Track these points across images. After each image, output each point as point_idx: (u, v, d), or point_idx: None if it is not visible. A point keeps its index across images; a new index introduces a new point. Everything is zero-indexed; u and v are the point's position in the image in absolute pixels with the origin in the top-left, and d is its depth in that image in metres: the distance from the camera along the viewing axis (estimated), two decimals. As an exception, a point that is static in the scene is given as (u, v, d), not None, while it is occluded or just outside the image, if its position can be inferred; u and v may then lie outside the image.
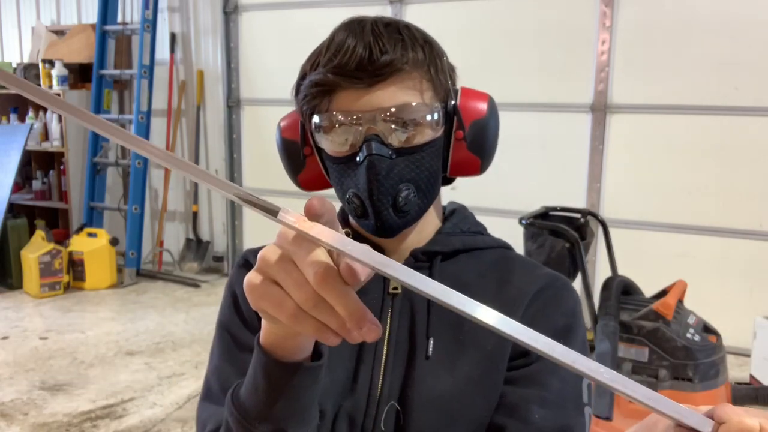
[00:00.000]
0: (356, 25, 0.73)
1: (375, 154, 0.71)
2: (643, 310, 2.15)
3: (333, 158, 0.76)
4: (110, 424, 2.65)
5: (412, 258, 0.80)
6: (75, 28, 5.03)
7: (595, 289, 2.39)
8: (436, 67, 0.75)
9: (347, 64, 0.70)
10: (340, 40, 0.72)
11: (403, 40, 0.73)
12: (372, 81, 0.71)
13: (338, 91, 0.72)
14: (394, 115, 0.71)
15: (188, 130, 4.89)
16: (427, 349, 0.74)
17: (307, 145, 0.80)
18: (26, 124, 4.74)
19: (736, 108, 3.35)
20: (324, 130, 0.74)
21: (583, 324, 0.81)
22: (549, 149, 3.74)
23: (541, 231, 2.47)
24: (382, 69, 0.70)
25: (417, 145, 0.73)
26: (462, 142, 0.78)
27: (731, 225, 3.43)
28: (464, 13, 3.87)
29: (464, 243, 0.82)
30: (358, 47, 0.70)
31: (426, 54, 0.75)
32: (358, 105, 0.72)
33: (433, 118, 0.73)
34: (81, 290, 4.42)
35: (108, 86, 4.84)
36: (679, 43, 3.42)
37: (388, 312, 0.77)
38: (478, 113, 0.78)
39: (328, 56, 0.72)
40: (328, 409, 0.73)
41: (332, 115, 0.73)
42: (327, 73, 0.71)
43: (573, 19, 3.63)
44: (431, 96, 0.74)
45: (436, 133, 0.75)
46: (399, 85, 0.72)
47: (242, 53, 4.64)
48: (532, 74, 3.73)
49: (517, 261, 0.84)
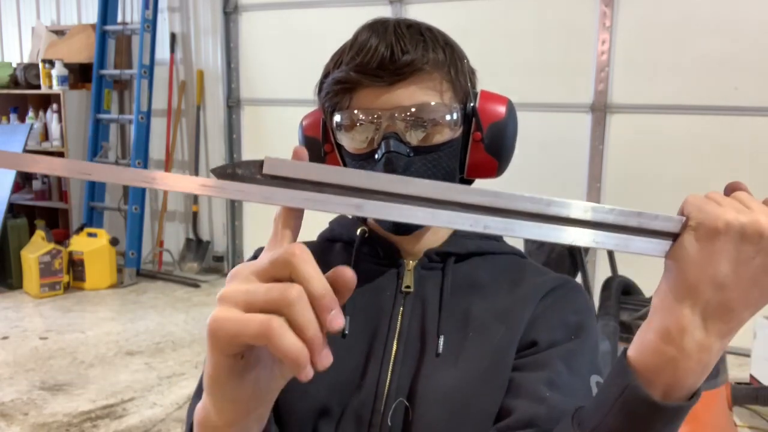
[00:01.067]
0: (379, 25, 0.75)
1: (393, 151, 0.72)
2: (643, 310, 2.15)
3: (352, 155, 0.77)
4: (110, 424, 2.65)
5: (426, 258, 0.81)
6: (75, 28, 5.03)
7: (595, 289, 2.39)
8: (456, 69, 0.77)
9: (369, 63, 0.72)
10: (363, 39, 0.74)
11: (425, 41, 0.75)
12: (393, 80, 0.72)
13: (359, 89, 0.74)
14: (414, 114, 0.73)
15: (188, 130, 4.89)
16: (437, 347, 0.74)
17: (328, 143, 0.81)
18: (26, 124, 4.74)
19: (736, 108, 3.35)
20: (344, 127, 0.75)
21: (596, 326, 0.81)
22: (549, 149, 3.74)
23: (541, 231, 2.47)
24: (402, 68, 0.72)
25: (435, 144, 0.75)
26: (480, 144, 0.79)
27: (731, 225, 3.43)
28: (464, 13, 3.87)
29: (479, 246, 0.83)
30: (380, 47, 0.72)
31: (447, 55, 0.76)
32: (378, 103, 0.73)
33: (451, 118, 0.75)
34: (81, 290, 4.42)
35: (108, 86, 4.84)
36: (679, 43, 3.42)
37: (399, 309, 0.78)
38: (496, 116, 0.79)
39: (350, 55, 0.74)
40: (334, 406, 0.73)
41: (353, 113, 0.74)
42: (349, 72, 0.73)
43: (573, 19, 3.63)
44: (450, 97, 0.76)
45: (454, 133, 0.76)
46: (419, 85, 0.73)
47: (242, 53, 4.64)
48: (532, 74, 3.73)
49: (530, 266, 0.85)
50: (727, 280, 0.49)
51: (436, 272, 0.80)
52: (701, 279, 0.49)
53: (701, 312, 0.50)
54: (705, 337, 0.50)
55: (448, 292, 0.77)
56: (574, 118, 3.70)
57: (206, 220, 4.97)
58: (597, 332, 0.80)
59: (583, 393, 0.70)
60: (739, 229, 0.48)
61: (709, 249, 0.48)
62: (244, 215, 4.84)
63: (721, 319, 0.50)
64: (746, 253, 0.48)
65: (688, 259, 0.49)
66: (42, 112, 4.96)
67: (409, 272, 0.80)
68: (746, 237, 0.48)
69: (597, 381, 0.72)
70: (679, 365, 0.50)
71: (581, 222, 0.47)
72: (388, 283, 0.80)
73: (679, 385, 0.51)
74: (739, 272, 0.48)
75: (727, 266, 0.48)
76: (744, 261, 0.48)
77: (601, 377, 0.73)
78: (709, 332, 0.50)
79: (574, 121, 3.70)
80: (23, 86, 4.87)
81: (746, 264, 0.48)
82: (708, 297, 0.49)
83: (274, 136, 4.56)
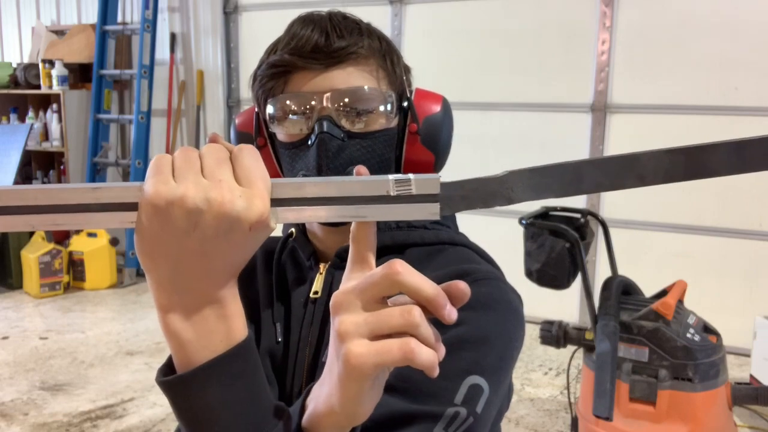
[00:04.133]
0: (314, 15, 0.75)
1: (326, 132, 0.71)
2: (643, 310, 2.15)
3: (286, 144, 0.76)
4: (110, 424, 2.65)
5: (337, 258, 0.78)
6: (75, 28, 5.03)
7: (595, 289, 2.39)
8: (392, 59, 0.77)
9: (304, 47, 0.71)
10: (297, 28, 0.74)
11: (360, 30, 0.75)
12: (328, 62, 0.72)
13: (294, 72, 0.73)
14: (348, 96, 0.72)
15: (188, 130, 4.89)
16: (322, 354, 0.74)
17: (261, 136, 0.80)
18: (26, 124, 4.74)
19: (736, 108, 3.35)
20: (277, 115, 0.74)
21: (510, 334, 0.70)
22: (549, 149, 3.74)
23: (541, 231, 2.47)
24: (338, 51, 0.71)
25: (369, 131, 0.74)
26: (416, 136, 0.78)
27: (731, 225, 3.43)
28: (464, 13, 3.87)
29: (394, 239, 0.78)
30: (315, 33, 0.72)
31: (382, 45, 0.76)
32: (312, 85, 0.72)
33: (386, 106, 0.74)
34: (81, 290, 4.42)
35: (108, 86, 4.84)
36: (679, 43, 3.42)
37: (310, 317, 0.78)
38: (432, 110, 0.79)
39: (285, 41, 0.74)
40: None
41: (287, 97, 0.73)
42: (283, 55, 0.72)
43: (573, 19, 3.63)
44: (386, 85, 0.76)
45: (389, 123, 0.76)
46: (355, 68, 0.73)
47: (242, 53, 4.64)
48: (532, 74, 3.72)
49: (446, 256, 0.76)
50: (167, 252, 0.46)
51: (339, 273, 0.76)
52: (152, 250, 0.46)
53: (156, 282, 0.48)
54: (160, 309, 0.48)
55: None
56: (574, 118, 3.70)
57: (206, 220, 4.97)
58: (509, 337, 0.69)
59: (449, 395, 0.62)
60: (169, 206, 0.44)
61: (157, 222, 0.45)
62: (244, 215, 4.84)
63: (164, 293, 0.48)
64: (180, 228, 0.44)
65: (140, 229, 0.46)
66: (42, 112, 4.96)
67: (321, 275, 0.79)
68: (175, 214, 0.44)
69: (473, 383, 0.64)
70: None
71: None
72: (305, 289, 0.80)
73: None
74: (182, 246, 0.45)
75: (168, 240, 0.45)
76: (181, 236, 0.45)
77: (482, 378, 0.64)
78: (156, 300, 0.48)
79: (574, 121, 3.70)
80: (23, 86, 4.87)
81: (184, 239, 0.45)
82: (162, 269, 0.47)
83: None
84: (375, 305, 0.44)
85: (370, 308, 0.44)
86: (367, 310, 0.44)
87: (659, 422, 2.04)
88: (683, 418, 2.02)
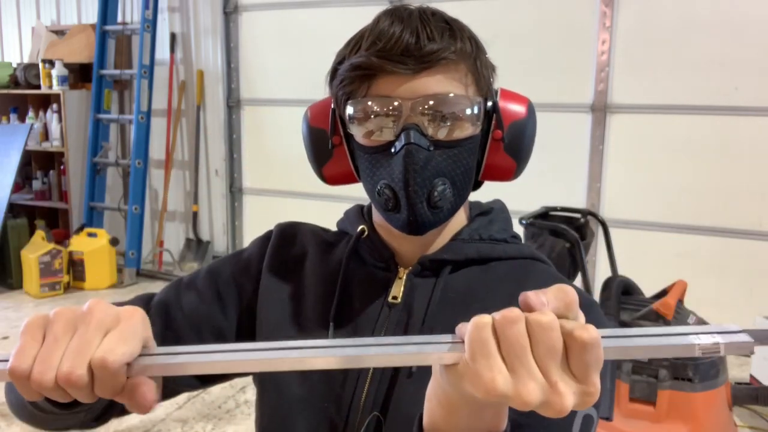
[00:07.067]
0: (402, 11, 0.70)
1: (413, 143, 0.67)
2: (643, 310, 2.15)
3: (366, 147, 0.72)
4: (110, 424, 2.65)
5: (420, 265, 0.75)
6: (75, 28, 5.03)
7: (595, 289, 2.39)
8: (481, 61, 0.73)
9: (392, 49, 0.67)
10: (384, 25, 0.69)
11: (451, 30, 0.70)
12: (418, 68, 0.67)
13: (380, 76, 0.68)
14: (436, 105, 0.68)
15: (188, 130, 4.89)
16: (411, 366, 0.69)
17: (337, 135, 0.75)
18: (26, 124, 4.74)
19: (736, 108, 3.35)
20: (359, 117, 0.70)
21: (609, 362, 0.75)
22: (549, 149, 3.74)
23: (542, 231, 2.47)
24: (429, 56, 0.67)
25: (456, 139, 0.70)
26: (499, 143, 0.74)
27: (731, 225, 3.43)
28: (464, 13, 3.84)
29: (479, 252, 0.76)
30: (405, 33, 0.67)
31: (473, 47, 0.72)
32: (399, 92, 0.68)
33: (473, 112, 0.70)
34: (81, 290, 4.42)
35: (108, 86, 4.84)
36: (679, 43, 3.42)
37: (384, 322, 0.75)
38: (517, 114, 0.75)
39: (371, 40, 0.68)
40: (312, 409, 0.73)
41: (372, 101, 0.69)
42: (370, 57, 0.67)
43: (573, 19, 3.63)
44: (474, 90, 0.71)
45: (475, 129, 0.71)
46: (444, 75, 0.69)
47: (242, 53, 4.64)
48: (532, 74, 3.72)
49: (540, 273, 0.77)
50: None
51: (429, 281, 0.75)
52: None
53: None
54: None
55: (435, 305, 0.73)
56: (574, 118, 3.70)
57: (206, 220, 4.97)
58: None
59: (568, 428, 0.66)
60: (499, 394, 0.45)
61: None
62: (243, 215, 4.84)
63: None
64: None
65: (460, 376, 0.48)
66: (42, 112, 4.96)
67: (400, 280, 0.75)
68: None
69: (586, 414, 0.68)
70: None
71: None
72: (378, 292, 0.76)
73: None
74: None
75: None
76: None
77: (593, 407, 0.67)
78: None
79: (574, 121, 3.70)
80: (23, 86, 4.87)
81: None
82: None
83: (274, 136, 4.57)
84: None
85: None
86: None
87: (659, 422, 2.04)
88: (683, 418, 2.03)
